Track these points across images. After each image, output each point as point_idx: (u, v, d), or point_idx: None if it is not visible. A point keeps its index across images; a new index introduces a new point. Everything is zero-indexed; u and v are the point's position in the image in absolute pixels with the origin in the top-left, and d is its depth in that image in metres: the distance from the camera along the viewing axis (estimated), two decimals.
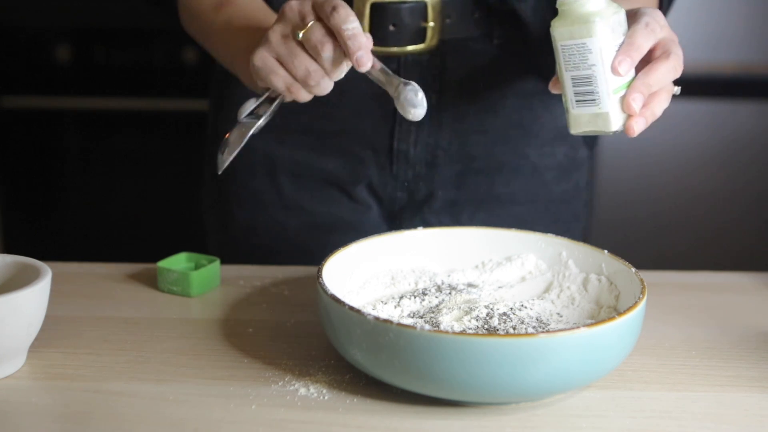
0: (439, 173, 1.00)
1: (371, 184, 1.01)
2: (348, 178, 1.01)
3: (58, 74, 2.19)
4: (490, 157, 1.01)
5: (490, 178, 1.01)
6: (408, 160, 0.99)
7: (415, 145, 0.98)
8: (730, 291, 0.89)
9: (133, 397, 0.64)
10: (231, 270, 0.90)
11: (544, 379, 0.59)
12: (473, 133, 0.99)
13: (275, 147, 1.01)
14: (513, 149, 1.01)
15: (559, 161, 1.04)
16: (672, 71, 0.75)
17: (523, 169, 1.02)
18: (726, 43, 2.24)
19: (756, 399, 0.65)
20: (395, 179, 1.00)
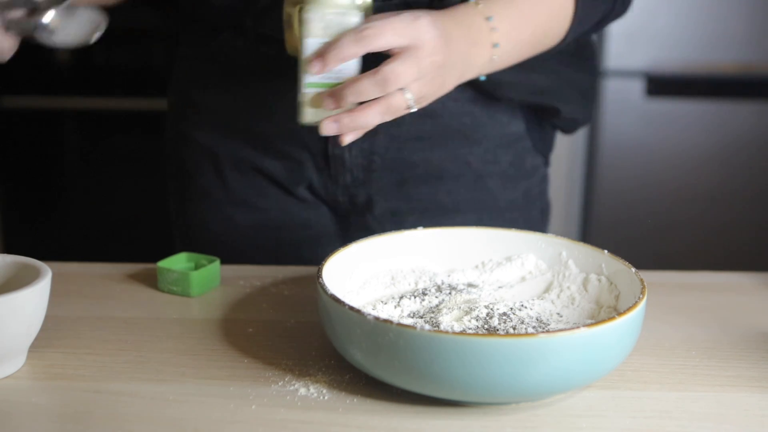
0: (377, 179, 0.99)
1: (312, 185, 1.01)
2: (289, 179, 1.01)
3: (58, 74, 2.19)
4: (430, 165, 0.99)
5: (431, 186, 1.00)
6: (344, 165, 0.98)
7: (350, 150, 0.97)
8: (730, 291, 0.89)
9: (133, 397, 0.64)
10: (231, 270, 0.90)
11: (544, 379, 0.59)
12: (410, 140, 0.98)
13: (219, 143, 1.01)
14: (453, 156, 0.99)
15: (503, 169, 1.02)
16: (375, 88, 0.74)
17: (466, 177, 1.00)
18: (726, 43, 2.24)
19: (756, 399, 0.65)
20: (335, 183, 1.00)
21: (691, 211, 2.34)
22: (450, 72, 0.79)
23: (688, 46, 2.24)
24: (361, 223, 1.02)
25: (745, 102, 2.28)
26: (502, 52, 0.83)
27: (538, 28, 0.87)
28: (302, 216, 1.03)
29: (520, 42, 0.85)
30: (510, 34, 0.83)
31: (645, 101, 2.28)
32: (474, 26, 0.81)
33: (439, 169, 0.99)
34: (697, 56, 2.25)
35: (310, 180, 1.00)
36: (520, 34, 0.84)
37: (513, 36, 0.84)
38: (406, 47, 0.74)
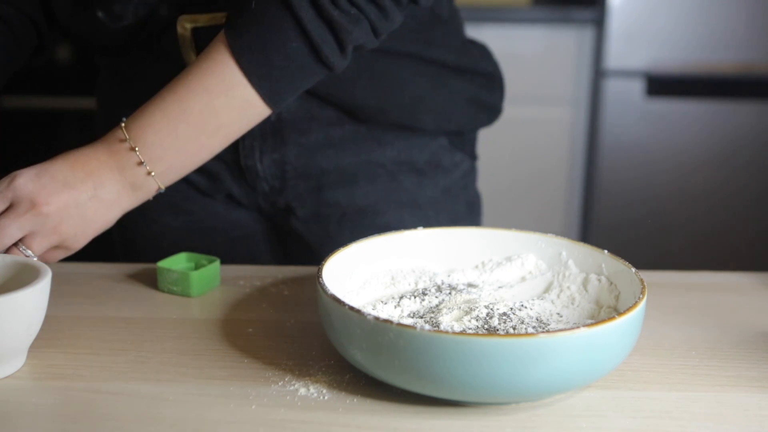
0: (292, 187, 0.99)
1: (232, 194, 1.02)
2: (209, 188, 1.02)
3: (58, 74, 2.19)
4: (343, 170, 0.99)
5: (347, 190, 1.00)
6: (259, 175, 0.99)
7: (261, 161, 0.97)
8: (730, 291, 0.89)
9: (133, 397, 0.64)
10: (231, 270, 0.90)
11: (544, 379, 0.59)
12: (320, 147, 0.98)
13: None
14: (366, 160, 0.99)
15: (419, 168, 1.02)
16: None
17: (381, 178, 1.00)
18: (726, 43, 2.24)
19: (756, 399, 0.65)
20: (254, 191, 1.00)
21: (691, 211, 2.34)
22: (75, 215, 0.78)
23: (688, 46, 2.25)
24: (288, 226, 1.03)
25: (745, 102, 2.28)
26: (160, 166, 0.81)
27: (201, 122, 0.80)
28: (231, 217, 1.04)
29: (179, 146, 0.81)
30: (154, 147, 0.80)
31: (645, 101, 2.28)
32: (114, 151, 0.80)
33: (352, 173, 0.99)
34: (697, 56, 2.25)
35: (229, 189, 1.01)
36: (173, 141, 0.80)
37: (163, 146, 0.80)
38: (10, 208, 0.77)
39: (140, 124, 0.80)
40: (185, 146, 0.81)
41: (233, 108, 0.80)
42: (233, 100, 0.80)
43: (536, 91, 2.32)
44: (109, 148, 0.80)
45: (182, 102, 0.79)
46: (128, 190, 0.81)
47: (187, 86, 0.80)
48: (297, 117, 0.96)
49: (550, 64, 2.34)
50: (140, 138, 0.79)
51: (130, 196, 0.81)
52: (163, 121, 0.80)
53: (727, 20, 2.22)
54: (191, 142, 0.81)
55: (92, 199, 0.79)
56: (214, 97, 0.79)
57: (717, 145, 2.30)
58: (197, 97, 0.79)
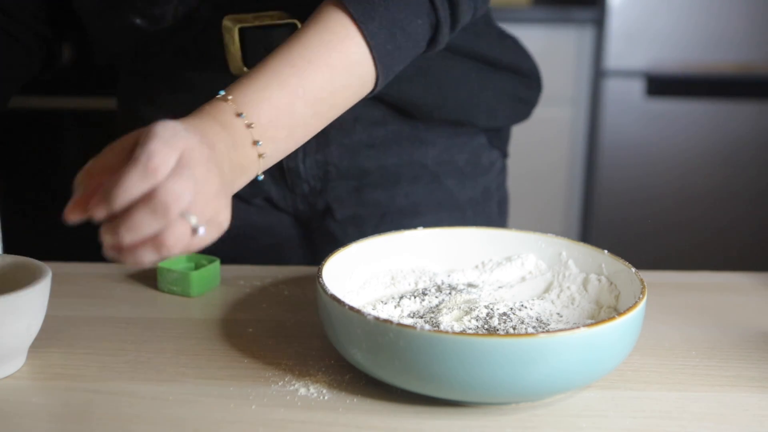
0: (333, 188, 0.99)
1: (270, 197, 1.01)
2: (246, 191, 1.00)
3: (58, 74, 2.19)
4: (385, 170, 0.99)
5: (388, 191, 1.00)
6: (300, 176, 0.98)
7: (304, 162, 0.97)
8: (730, 291, 0.89)
9: (133, 397, 0.64)
10: (231, 270, 0.90)
11: (544, 379, 0.59)
12: (363, 147, 0.97)
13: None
14: (408, 160, 0.99)
15: (460, 167, 1.02)
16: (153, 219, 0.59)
17: (422, 178, 1.00)
18: (726, 43, 2.24)
19: (756, 399, 0.65)
20: (293, 192, 1.00)
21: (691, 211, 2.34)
22: (223, 177, 0.66)
23: (688, 46, 2.24)
24: (323, 229, 1.02)
25: (745, 102, 2.28)
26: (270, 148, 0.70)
27: (318, 101, 0.72)
28: (264, 223, 1.03)
29: (292, 126, 0.71)
30: (269, 127, 0.70)
31: (645, 101, 2.28)
32: (228, 126, 0.68)
33: (394, 173, 0.99)
34: (697, 56, 2.25)
35: (267, 192, 1.00)
36: (288, 120, 0.71)
37: (277, 126, 0.70)
38: (177, 162, 0.60)
39: (254, 98, 0.69)
40: (297, 128, 0.72)
41: (350, 88, 0.74)
42: (353, 78, 0.74)
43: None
44: (221, 122, 0.68)
45: (302, 77, 0.71)
46: (237, 172, 0.69)
47: (308, 59, 0.71)
48: (342, 117, 0.95)
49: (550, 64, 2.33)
50: (255, 114, 0.69)
51: (236, 180, 0.69)
52: (282, 98, 0.70)
53: (727, 20, 2.22)
54: (304, 124, 0.72)
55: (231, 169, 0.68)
56: (336, 74, 0.72)
57: (717, 145, 2.30)
58: (319, 72, 0.71)
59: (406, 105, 0.96)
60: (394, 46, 0.75)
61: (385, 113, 0.97)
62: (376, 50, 0.73)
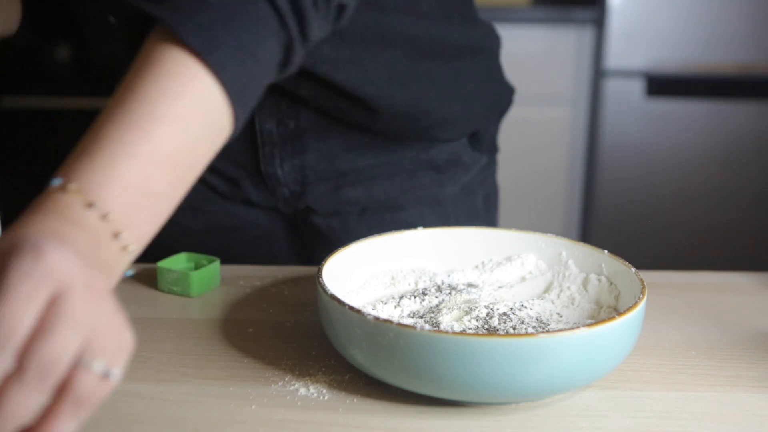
0: (312, 190, 1.00)
1: (250, 200, 1.02)
2: (229, 192, 1.02)
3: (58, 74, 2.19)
4: (362, 170, 1.00)
5: (365, 189, 1.00)
6: (279, 181, 0.99)
7: (282, 167, 0.97)
8: (730, 291, 0.89)
9: (133, 397, 0.64)
10: (231, 270, 0.90)
11: (544, 379, 0.59)
12: (340, 151, 0.98)
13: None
14: (385, 161, 1.00)
15: (438, 166, 1.02)
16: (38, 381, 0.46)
17: (399, 175, 1.01)
18: (726, 43, 2.24)
19: (756, 399, 0.65)
20: (273, 196, 1.01)
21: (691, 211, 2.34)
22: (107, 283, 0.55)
23: (688, 46, 2.25)
24: (308, 223, 1.03)
25: (745, 102, 2.28)
26: (134, 237, 0.57)
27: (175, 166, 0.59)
28: (250, 216, 1.04)
29: (153, 205, 0.59)
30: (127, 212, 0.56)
31: (645, 101, 2.28)
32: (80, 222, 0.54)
33: (371, 172, 1.00)
34: (697, 56, 2.25)
35: (248, 195, 1.01)
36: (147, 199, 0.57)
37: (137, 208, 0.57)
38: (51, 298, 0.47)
39: (102, 180, 0.55)
40: (158, 205, 0.59)
41: (206, 139, 0.61)
42: (209, 129, 0.61)
43: (536, 91, 2.32)
44: (71, 219, 0.53)
45: (152, 140, 0.57)
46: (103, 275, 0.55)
47: (153, 115, 0.57)
48: (317, 124, 0.96)
49: (550, 64, 2.34)
50: (107, 200, 0.55)
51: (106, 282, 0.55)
52: (135, 172, 0.56)
53: (727, 20, 2.22)
54: (165, 197, 0.59)
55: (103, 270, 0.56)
56: (189, 127, 0.59)
57: (717, 145, 2.30)
58: (170, 130, 0.57)
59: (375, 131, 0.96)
60: (247, 78, 0.62)
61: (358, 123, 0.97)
62: (228, 87, 0.60)
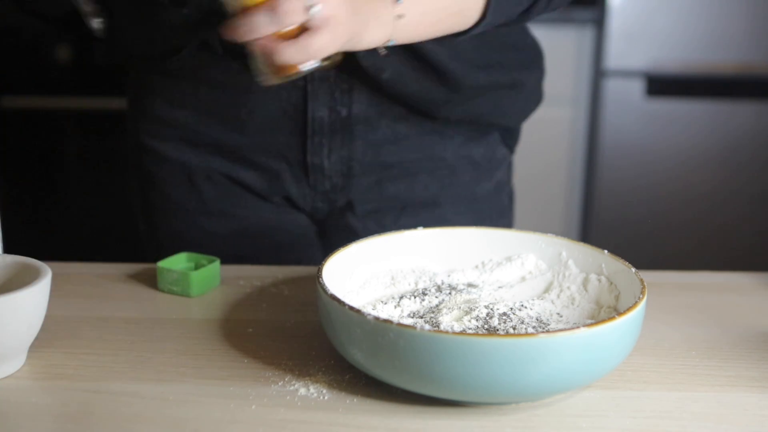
0: (355, 183, 1.00)
1: (289, 196, 1.01)
2: (265, 189, 1.01)
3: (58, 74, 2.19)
4: (406, 164, 1.00)
5: (407, 183, 1.01)
6: (323, 173, 0.99)
7: (329, 158, 0.98)
8: (730, 291, 0.89)
9: (133, 397, 0.64)
10: (231, 270, 0.90)
11: (544, 379, 0.59)
12: (387, 143, 0.99)
13: (190, 156, 1.01)
14: (429, 155, 1.01)
15: (476, 161, 1.04)
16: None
17: (440, 171, 1.02)
18: (726, 43, 2.24)
19: (756, 399, 0.65)
20: (314, 190, 1.00)
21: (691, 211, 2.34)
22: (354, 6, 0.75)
23: (688, 46, 2.24)
24: (342, 225, 1.03)
25: (745, 102, 2.28)
26: (409, 13, 0.80)
27: (442, 9, 0.84)
28: (280, 220, 1.03)
29: (426, 12, 0.82)
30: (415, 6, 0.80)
31: (645, 101, 2.28)
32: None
33: (414, 166, 1.01)
34: (697, 56, 2.25)
35: (287, 191, 1.01)
36: (428, 5, 0.82)
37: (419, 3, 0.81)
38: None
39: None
40: (427, 16, 0.82)
41: (461, 14, 0.84)
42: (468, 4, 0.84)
43: None
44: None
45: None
46: (371, 19, 0.77)
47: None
48: (367, 114, 0.96)
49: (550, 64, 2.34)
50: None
51: (367, 26, 0.77)
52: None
53: (727, 20, 2.22)
54: (431, 17, 0.82)
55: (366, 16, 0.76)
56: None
57: (717, 145, 2.30)
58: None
59: (427, 104, 0.97)
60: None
61: (406, 110, 0.98)
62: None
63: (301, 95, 0.94)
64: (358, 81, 0.94)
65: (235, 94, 0.95)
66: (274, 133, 0.97)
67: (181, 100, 0.98)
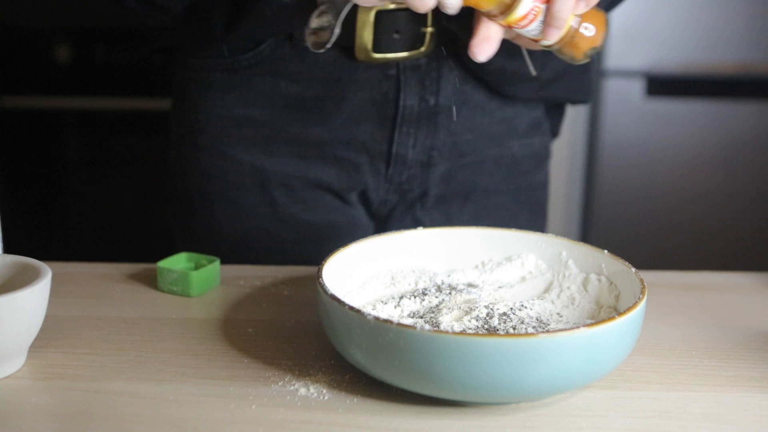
0: (431, 173, 1.01)
1: (365, 190, 1.01)
2: (342, 185, 1.01)
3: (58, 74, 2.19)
4: (477, 153, 1.02)
5: (475, 171, 1.03)
6: (405, 163, 0.99)
7: (414, 148, 0.99)
8: (730, 291, 0.89)
9: (133, 397, 0.64)
10: (231, 270, 0.90)
11: (544, 379, 0.59)
12: (465, 132, 1.00)
13: (264, 160, 0.99)
14: (498, 144, 1.03)
15: (536, 151, 1.07)
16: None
17: (505, 160, 1.04)
18: (726, 43, 2.24)
19: (756, 399, 0.65)
20: (389, 182, 1.01)
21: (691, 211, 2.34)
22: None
23: (688, 46, 2.24)
24: (408, 217, 1.03)
25: (745, 102, 2.28)
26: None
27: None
28: (344, 221, 1.03)
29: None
30: None
31: (645, 101, 2.28)
32: None
33: (483, 155, 1.03)
34: (697, 56, 2.25)
35: (365, 184, 1.01)
36: None
37: None
38: None
39: None
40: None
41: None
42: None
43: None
44: None
45: None
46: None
47: None
48: (451, 102, 0.98)
49: None
50: None
51: None
52: None
53: (727, 20, 2.22)
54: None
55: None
56: None
57: (717, 145, 2.30)
58: None
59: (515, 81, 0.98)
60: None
61: (484, 97, 1.00)
62: None
63: (393, 84, 0.95)
64: (447, 68, 0.95)
65: (322, 86, 0.95)
66: (360, 124, 0.97)
67: (255, 97, 0.97)
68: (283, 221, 1.01)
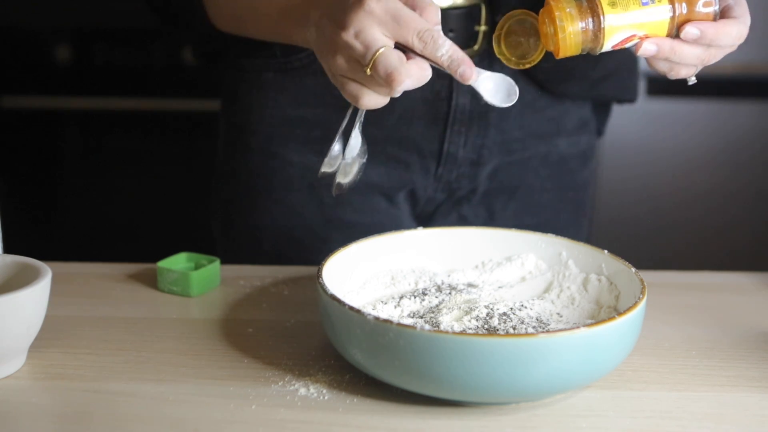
0: (480, 172, 1.01)
1: (413, 189, 1.02)
2: (391, 184, 1.01)
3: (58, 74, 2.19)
4: (525, 150, 1.03)
5: (521, 169, 1.03)
6: (456, 161, 1.00)
7: (465, 146, 0.99)
8: (730, 291, 0.89)
9: (133, 397, 0.64)
10: (231, 270, 0.90)
11: (544, 379, 0.59)
12: (514, 130, 1.01)
13: (315, 160, 0.97)
14: (546, 142, 1.04)
15: (582, 149, 1.07)
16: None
17: (551, 157, 1.05)
18: None
19: (756, 399, 0.65)
20: (438, 180, 1.01)
21: (692, 211, 2.34)
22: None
23: None
24: (454, 214, 1.04)
25: (745, 102, 2.28)
26: None
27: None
28: (389, 222, 1.02)
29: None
30: None
31: (645, 101, 2.28)
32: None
33: (531, 153, 1.03)
34: None
35: (413, 184, 1.01)
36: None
37: None
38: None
39: None
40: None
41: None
42: None
43: None
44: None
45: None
46: None
47: None
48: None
49: None
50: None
51: None
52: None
53: None
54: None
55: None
56: None
57: (717, 145, 2.30)
58: None
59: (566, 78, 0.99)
60: None
61: (534, 96, 1.00)
62: None
63: (446, 83, 0.95)
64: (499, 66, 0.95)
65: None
66: (412, 123, 0.97)
67: (307, 98, 0.97)
68: (330, 222, 1.01)
